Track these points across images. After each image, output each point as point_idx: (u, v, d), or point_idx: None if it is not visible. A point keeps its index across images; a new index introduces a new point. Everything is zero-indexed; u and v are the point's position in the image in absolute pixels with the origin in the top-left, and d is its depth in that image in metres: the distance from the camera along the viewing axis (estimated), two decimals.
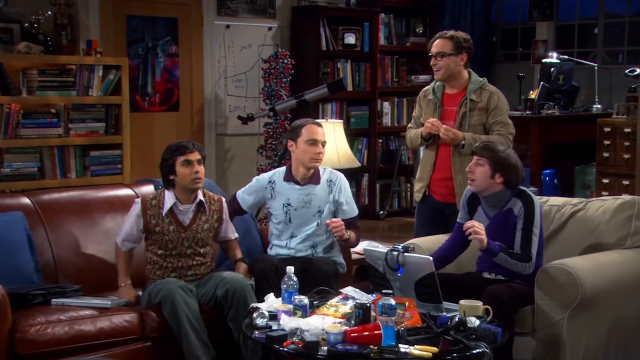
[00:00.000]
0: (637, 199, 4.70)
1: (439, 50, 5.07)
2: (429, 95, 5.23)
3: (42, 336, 3.94)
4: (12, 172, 6.23)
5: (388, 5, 9.06)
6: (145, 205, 4.50)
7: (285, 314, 3.84)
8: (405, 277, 4.01)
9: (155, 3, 7.76)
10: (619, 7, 8.98)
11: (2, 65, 6.22)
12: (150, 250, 4.53)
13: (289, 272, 4.08)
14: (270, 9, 8.46)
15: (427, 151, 5.28)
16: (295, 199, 4.81)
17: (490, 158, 4.40)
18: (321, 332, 3.63)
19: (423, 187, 5.22)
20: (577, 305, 4.21)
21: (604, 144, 7.51)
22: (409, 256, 4.03)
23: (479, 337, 3.65)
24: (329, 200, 4.83)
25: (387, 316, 3.57)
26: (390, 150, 9.14)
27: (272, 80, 7.93)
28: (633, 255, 4.55)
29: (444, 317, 3.80)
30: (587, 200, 4.94)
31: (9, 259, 4.31)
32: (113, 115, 6.67)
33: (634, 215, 4.62)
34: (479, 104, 5.06)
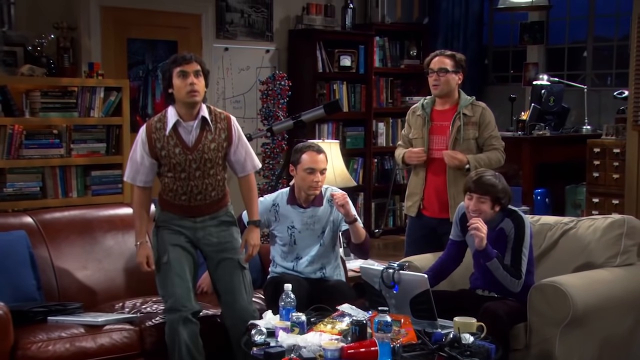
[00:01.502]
0: (626, 218, 4.72)
1: (441, 67, 5.11)
2: (417, 111, 5.28)
3: (44, 353, 3.92)
4: (14, 191, 6.20)
5: (383, 28, 9.08)
6: (150, 129, 4.24)
7: (283, 331, 3.83)
8: (401, 294, 4.02)
9: (155, 26, 7.77)
10: (607, 31, 9.03)
11: (6, 87, 6.22)
12: (161, 172, 4.29)
13: (286, 290, 4.06)
14: (268, 32, 8.46)
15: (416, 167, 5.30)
16: (298, 221, 4.77)
17: (491, 195, 4.40)
18: (318, 348, 3.64)
19: (417, 201, 5.23)
20: (569, 322, 4.21)
21: (594, 164, 7.53)
22: (405, 274, 4.04)
23: (473, 353, 3.65)
24: (329, 221, 4.79)
25: (383, 333, 3.56)
26: (385, 170, 9.15)
27: (269, 101, 7.93)
28: (623, 273, 4.56)
29: (438, 333, 3.80)
30: (577, 219, 4.95)
31: (11, 277, 4.30)
32: (114, 135, 6.67)
33: (624, 234, 4.63)
34: (472, 119, 5.13)
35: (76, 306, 4.33)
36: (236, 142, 4.34)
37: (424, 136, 5.18)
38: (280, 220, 4.81)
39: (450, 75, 5.13)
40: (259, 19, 8.41)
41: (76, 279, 4.68)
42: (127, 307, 4.55)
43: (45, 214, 4.89)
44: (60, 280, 4.61)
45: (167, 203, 4.33)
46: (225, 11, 8.17)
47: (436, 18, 9.41)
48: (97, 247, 4.84)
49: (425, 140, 5.17)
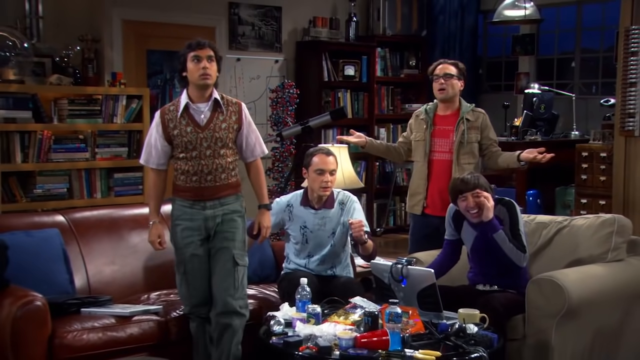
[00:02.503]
0: (617, 217, 4.73)
1: (446, 72, 5.16)
2: (420, 115, 5.32)
3: (78, 342, 3.96)
4: (43, 192, 6.24)
5: (384, 40, 9.10)
6: (164, 112, 4.22)
7: (300, 322, 3.88)
8: (409, 288, 4.05)
9: (173, 38, 7.78)
10: (594, 43, 9.06)
11: (36, 95, 6.27)
12: (174, 156, 4.23)
13: (302, 284, 4.10)
14: (277, 44, 8.50)
15: (418, 165, 5.32)
16: (310, 222, 4.77)
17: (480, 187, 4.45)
18: (333, 337, 3.67)
19: (421, 200, 5.26)
20: (565, 314, 4.23)
21: (582, 167, 7.52)
22: (412, 269, 4.08)
23: (477, 342, 3.70)
24: (340, 222, 4.79)
25: (394, 323, 3.61)
26: (386, 172, 9.17)
27: (279, 108, 7.96)
28: (614, 269, 4.58)
29: (444, 324, 3.84)
30: (571, 218, 4.97)
31: (46, 271, 4.33)
32: (135, 140, 6.69)
33: (614, 232, 4.64)
34: (474, 124, 5.18)
35: (106, 299, 4.35)
36: (247, 126, 4.31)
37: (426, 139, 5.22)
38: (293, 220, 4.83)
39: (454, 80, 5.18)
40: (269, 31, 8.45)
41: (105, 273, 4.71)
42: (151, 299, 4.57)
43: (75, 213, 4.91)
44: (90, 274, 4.63)
45: (179, 190, 4.24)
46: (237, 24, 8.20)
47: (433, 30, 9.41)
48: (123, 244, 4.86)
49: (427, 142, 5.22)
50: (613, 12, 8.55)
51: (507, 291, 4.42)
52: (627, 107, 6.24)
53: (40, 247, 4.38)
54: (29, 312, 3.82)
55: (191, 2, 7.86)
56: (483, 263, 4.56)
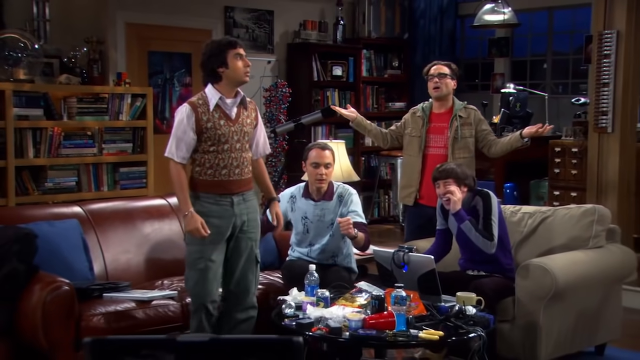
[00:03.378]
0: (597, 207, 4.83)
1: (440, 72, 5.25)
2: (417, 112, 5.39)
3: (103, 324, 3.98)
4: (54, 185, 6.28)
5: (369, 42, 9.16)
6: (194, 105, 4.02)
7: (310, 305, 3.95)
8: (409, 273, 4.11)
9: (172, 41, 7.83)
10: (564, 46, 9.16)
11: (47, 94, 6.29)
12: (202, 150, 4.03)
13: (311, 270, 4.18)
14: (269, 45, 8.54)
15: (411, 159, 5.38)
16: (311, 213, 4.82)
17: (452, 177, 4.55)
18: (343, 319, 3.74)
19: (413, 192, 5.32)
20: (552, 297, 4.32)
21: (555, 161, 7.62)
22: (413, 255, 4.14)
23: (476, 322, 3.78)
24: (338, 215, 4.79)
25: (399, 306, 3.68)
26: (372, 167, 9.24)
27: (272, 106, 8.03)
28: (595, 255, 4.69)
29: (444, 307, 3.93)
30: (554, 208, 5.06)
31: (68, 259, 4.36)
32: (139, 136, 6.74)
33: (595, 221, 4.74)
34: (467, 120, 5.26)
35: (126, 284, 4.39)
36: (260, 124, 4.31)
37: (422, 135, 5.31)
38: (295, 210, 4.89)
39: (448, 80, 5.26)
40: (262, 33, 8.49)
41: (121, 261, 4.74)
42: (165, 285, 4.60)
43: (92, 205, 4.94)
44: (108, 262, 4.67)
45: (205, 185, 4.05)
46: (232, 27, 8.23)
47: (415, 34, 9.48)
48: (137, 233, 4.89)
49: (423, 138, 5.30)
50: (582, 18, 8.70)
51: (494, 275, 4.52)
52: (601, 106, 6.35)
53: (62, 236, 4.42)
54: (58, 297, 3.86)
55: (190, 6, 7.88)
56: (468, 250, 4.64)
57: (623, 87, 6.30)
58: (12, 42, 6.31)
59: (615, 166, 6.33)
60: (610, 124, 6.31)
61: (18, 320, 3.90)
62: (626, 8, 6.27)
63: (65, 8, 7.22)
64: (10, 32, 6.38)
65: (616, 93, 6.30)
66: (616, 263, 4.78)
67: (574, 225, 4.79)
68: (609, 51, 6.30)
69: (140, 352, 1.42)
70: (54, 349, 3.87)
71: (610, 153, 6.36)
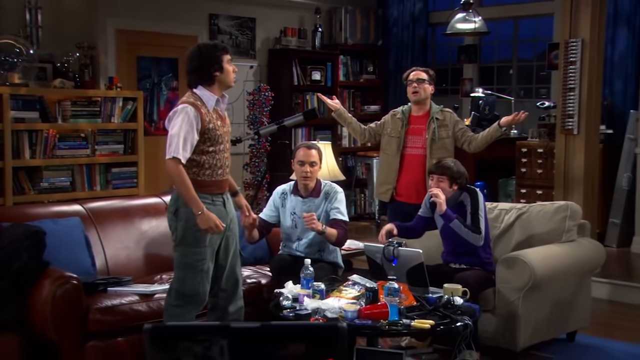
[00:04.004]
0: (569, 204, 4.94)
1: (418, 77, 5.35)
2: (397, 114, 5.49)
3: (110, 316, 4.01)
4: (49, 185, 6.27)
5: (346, 49, 9.21)
6: (197, 106, 3.88)
7: (307, 297, 4.01)
8: (399, 267, 4.16)
9: (160, 46, 7.82)
10: (528, 53, 9.29)
11: (43, 97, 6.28)
12: (200, 151, 3.90)
13: (306, 264, 4.22)
14: (252, 51, 8.56)
15: (389, 158, 5.47)
16: (299, 209, 4.87)
17: (447, 175, 4.65)
18: (339, 310, 3.81)
19: (390, 189, 5.43)
20: (530, 288, 4.41)
21: (522, 161, 7.75)
22: (403, 250, 4.20)
23: (463, 312, 3.86)
24: (323, 211, 4.86)
25: (392, 297, 3.75)
26: (348, 167, 9.26)
27: (255, 109, 8.05)
28: (568, 248, 4.79)
29: (431, 297, 4.00)
30: (529, 205, 5.15)
31: (71, 255, 4.37)
32: (130, 138, 6.74)
33: (567, 216, 4.86)
34: (443, 122, 5.36)
35: (128, 279, 4.41)
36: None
37: (401, 136, 5.40)
38: (285, 206, 4.94)
39: (426, 85, 5.37)
40: (244, 40, 8.51)
41: (121, 256, 4.76)
42: (164, 279, 4.60)
43: (92, 203, 4.94)
44: (109, 257, 4.68)
45: (202, 185, 3.92)
46: (217, 33, 8.24)
47: (388, 40, 9.55)
48: (135, 230, 4.91)
49: (402, 139, 5.40)
50: (544, 27, 8.87)
51: (475, 268, 4.62)
52: (567, 109, 6.48)
53: (65, 233, 4.43)
54: (67, 291, 3.88)
55: (176, 13, 7.88)
56: (451, 244, 4.73)
57: (587, 92, 6.43)
58: (7, 48, 6.28)
59: (581, 165, 6.46)
60: (576, 126, 6.44)
61: (29, 314, 3.92)
62: (590, 18, 6.41)
63: (57, 15, 7.20)
64: (5, 37, 6.35)
65: (581, 97, 6.43)
66: (587, 256, 4.90)
67: (548, 220, 4.89)
68: (575, 58, 6.42)
69: (196, 337, 1.47)
70: (63, 341, 3.89)
71: (576, 153, 6.48)
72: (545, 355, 4.70)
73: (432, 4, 9.61)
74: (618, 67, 7.82)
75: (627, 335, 5.21)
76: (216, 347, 1.46)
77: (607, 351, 4.87)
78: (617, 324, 5.47)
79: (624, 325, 5.49)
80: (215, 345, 1.46)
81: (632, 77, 7.72)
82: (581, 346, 4.93)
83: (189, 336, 1.46)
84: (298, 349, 1.48)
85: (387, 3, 9.59)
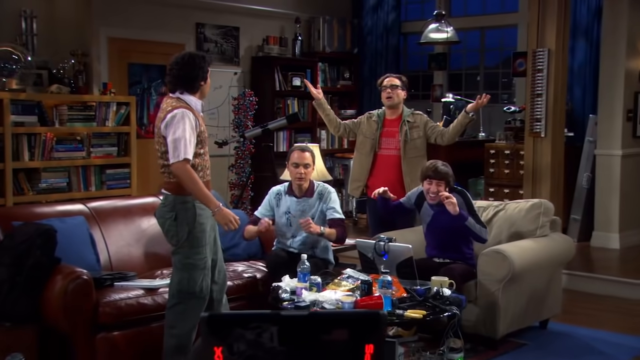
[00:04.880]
0: (543, 201, 5.05)
1: (393, 83, 5.44)
2: (373, 117, 5.60)
3: (118, 309, 4.02)
4: (47, 186, 6.24)
5: (324, 56, 9.25)
6: (192, 110, 3.83)
7: (305, 290, 4.06)
8: (389, 261, 4.23)
9: (149, 53, 7.80)
10: (494, 61, 9.41)
11: (41, 102, 6.25)
12: (194, 154, 3.82)
13: (303, 259, 4.26)
14: (236, 58, 8.57)
15: (362, 157, 5.56)
16: (293, 208, 4.91)
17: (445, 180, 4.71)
18: (336, 301, 3.86)
19: (360, 186, 5.57)
20: (509, 280, 4.50)
21: (490, 162, 7.85)
22: (393, 245, 4.27)
23: (451, 302, 3.94)
24: (318, 210, 4.90)
25: (385, 289, 3.82)
26: (327, 167, 9.26)
27: (240, 113, 8.07)
28: (542, 242, 4.90)
29: (420, 289, 4.07)
30: (505, 202, 5.27)
31: (77, 253, 4.36)
32: (123, 141, 6.74)
33: (541, 213, 4.96)
34: (414, 124, 5.46)
35: (132, 274, 4.42)
36: None
37: (375, 137, 5.50)
38: (280, 206, 4.98)
39: (399, 90, 5.47)
40: (229, 47, 8.52)
41: (123, 253, 4.75)
42: (164, 274, 4.60)
43: (94, 203, 4.93)
44: (112, 254, 4.69)
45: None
46: (203, 41, 8.24)
47: (363, 49, 9.61)
48: (135, 228, 4.91)
49: (376, 140, 5.49)
50: (509, 37, 9.02)
51: (457, 262, 4.70)
52: (535, 114, 6.60)
53: (71, 232, 4.42)
54: (78, 286, 3.89)
55: (165, 22, 7.87)
56: (437, 239, 4.81)
57: (553, 98, 6.56)
58: (6, 55, 6.24)
59: (548, 166, 6.58)
60: (544, 129, 6.56)
61: (43, 307, 3.93)
62: (555, 30, 6.55)
63: (51, 23, 7.16)
64: (4, 45, 6.31)
65: (548, 103, 6.56)
66: (559, 250, 5.02)
67: (524, 217, 5.00)
68: (542, 66, 6.55)
69: (249, 324, 1.51)
70: (74, 332, 3.90)
71: (544, 154, 6.61)
72: (521, 342, 4.79)
73: (404, 15, 9.70)
74: (577, 75, 7.98)
75: (588, 321, 5.34)
76: (267, 333, 1.50)
77: (575, 336, 4.98)
78: (578, 312, 5.58)
79: (585, 312, 5.61)
80: (265, 332, 1.50)
81: (590, 84, 7.88)
82: (553, 333, 5.05)
83: (242, 323, 1.50)
84: (341, 335, 1.53)
85: (362, 13, 9.64)
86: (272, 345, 1.51)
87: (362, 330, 1.51)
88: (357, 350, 1.53)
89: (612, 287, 6.13)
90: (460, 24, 8.96)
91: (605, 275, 6.28)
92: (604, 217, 7.48)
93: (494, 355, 4.54)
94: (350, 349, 1.54)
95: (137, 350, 4.09)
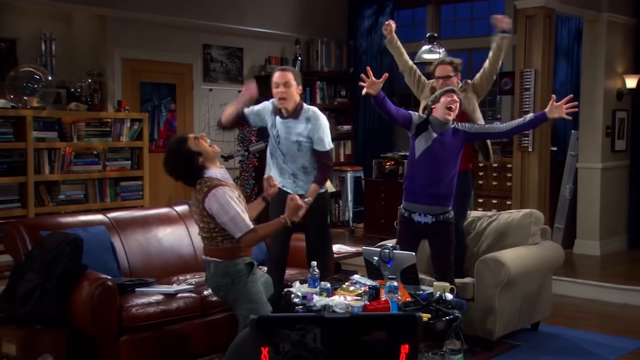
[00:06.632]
0: (533, 212, 5.08)
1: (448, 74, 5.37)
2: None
3: (141, 313, 4.04)
4: (66, 197, 6.25)
5: (322, 75, 9.30)
6: (223, 183, 3.81)
7: (316, 295, 4.08)
8: (394, 268, 4.22)
9: (160, 73, 7.85)
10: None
11: (60, 119, 6.27)
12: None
13: (312, 266, 4.28)
14: (240, 77, 8.61)
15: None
16: (278, 127, 4.58)
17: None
18: (346, 305, 3.86)
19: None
20: (505, 284, 4.54)
21: (479, 174, 7.91)
22: (397, 252, 4.26)
23: (453, 306, 3.96)
24: (304, 135, 4.51)
25: (392, 294, 3.84)
26: None
27: (245, 129, 8.09)
28: (534, 250, 4.93)
29: (423, 294, 4.10)
30: (498, 213, 5.29)
31: (99, 260, 4.37)
32: (136, 155, 6.76)
33: (532, 222, 4.99)
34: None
35: (152, 281, 4.42)
36: None
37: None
38: (269, 119, 4.66)
39: (453, 78, 5.38)
40: (234, 67, 8.56)
41: (142, 261, 4.74)
42: (181, 280, 4.60)
43: (114, 213, 4.93)
44: (131, 261, 4.68)
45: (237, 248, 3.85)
46: (209, 61, 8.29)
47: (359, 68, 9.62)
48: (153, 237, 4.90)
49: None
50: None
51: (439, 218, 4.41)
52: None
53: (94, 240, 4.43)
54: (104, 291, 3.90)
55: (174, 44, 7.91)
56: (424, 170, 4.39)
57: None
58: (28, 75, 6.26)
59: (535, 178, 6.64)
60: (531, 144, 6.63)
61: (71, 311, 3.94)
62: (541, 51, 6.63)
63: (69, 45, 7.21)
64: (26, 66, 6.33)
65: None
66: (549, 256, 5.06)
67: (516, 226, 5.03)
68: (529, 85, 6.63)
69: (294, 326, 1.54)
70: (100, 335, 3.91)
71: (531, 168, 6.67)
72: (515, 343, 4.83)
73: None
74: (559, 94, 7.89)
75: (574, 324, 5.39)
76: (310, 335, 1.54)
77: (565, 338, 5.01)
78: (564, 315, 5.62)
79: (570, 315, 5.65)
80: (309, 333, 1.53)
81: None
82: (543, 334, 5.08)
83: (288, 325, 1.53)
84: (380, 336, 1.56)
85: (357, 36, 9.71)
86: (315, 346, 1.54)
87: (400, 332, 1.54)
88: (393, 350, 1.56)
89: (594, 291, 6.18)
90: (449, 45, 9.02)
91: (588, 280, 6.33)
92: (586, 226, 7.54)
93: (490, 355, 4.57)
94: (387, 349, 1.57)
95: (157, 352, 4.10)
